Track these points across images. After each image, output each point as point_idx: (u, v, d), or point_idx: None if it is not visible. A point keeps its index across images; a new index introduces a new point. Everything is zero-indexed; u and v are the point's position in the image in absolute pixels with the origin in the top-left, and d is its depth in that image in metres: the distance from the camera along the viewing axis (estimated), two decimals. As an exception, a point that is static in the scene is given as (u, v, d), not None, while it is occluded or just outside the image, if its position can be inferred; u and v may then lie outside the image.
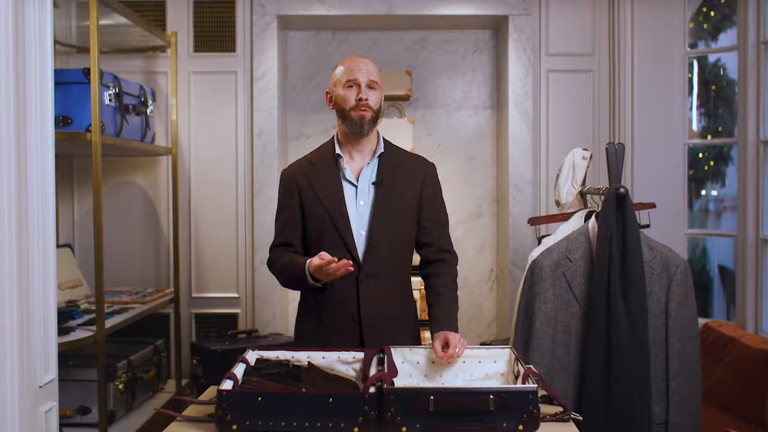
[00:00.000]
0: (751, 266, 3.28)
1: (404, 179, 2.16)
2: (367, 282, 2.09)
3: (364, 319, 2.09)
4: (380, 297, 2.11)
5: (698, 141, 3.81)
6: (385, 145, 2.21)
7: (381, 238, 2.10)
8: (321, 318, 2.14)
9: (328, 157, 2.18)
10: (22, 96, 1.97)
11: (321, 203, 2.12)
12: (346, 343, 2.04)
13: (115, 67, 3.69)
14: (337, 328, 2.11)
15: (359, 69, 2.11)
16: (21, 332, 1.95)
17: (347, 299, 2.10)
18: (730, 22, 3.60)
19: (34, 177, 2.03)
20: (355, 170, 2.16)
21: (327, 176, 2.15)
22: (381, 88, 2.17)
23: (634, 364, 2.21)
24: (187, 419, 1.67)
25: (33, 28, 2.02)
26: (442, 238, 2.20)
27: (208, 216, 3.81)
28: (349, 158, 2.17)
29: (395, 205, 2.13)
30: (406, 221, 2.15)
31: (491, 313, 4.10)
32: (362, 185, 2.14)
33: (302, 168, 2.21)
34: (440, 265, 2.17)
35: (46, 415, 2.07)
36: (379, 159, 2.17)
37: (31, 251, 2.00)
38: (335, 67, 2.18)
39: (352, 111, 2.10)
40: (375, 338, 2.07)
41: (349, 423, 1.52)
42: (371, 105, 2.11)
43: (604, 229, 2.27)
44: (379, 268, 2.10)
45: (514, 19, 3.74)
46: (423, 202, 2.18)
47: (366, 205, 2.13)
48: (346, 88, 2.11)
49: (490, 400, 1.53)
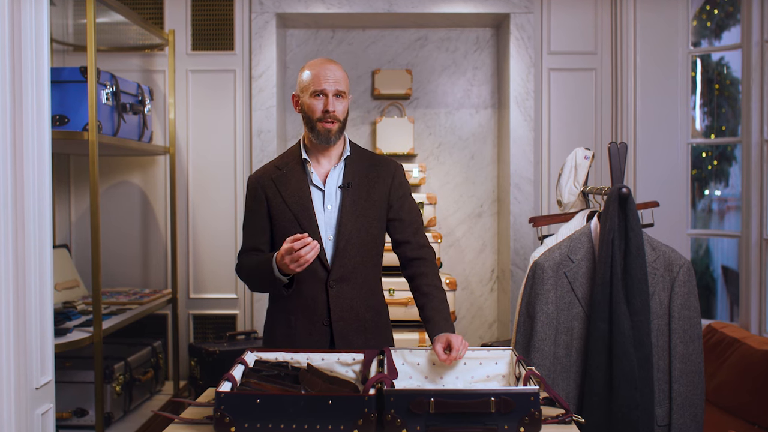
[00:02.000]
0: (755, 267, 3.26)
1: (371, 181, 2.14)
2: (336, 286, 2.08)
3: (335, 324, 2.07)
4: (350, 301, 2.09)
5: (701, 140, 3.79)
6: (352, 147, 2.19)
7: (349, 241, 2.08)
8: (290, 321, 2.12)
9: (294, 162, 2.16)
10: (18, 95, 1.96)
11: (288, 208, 2.10)
12: (316, 347, 2.03)
13: (113, 65, 3.68)
14: (307, 332, 2.09)
15: (326, 78, 2.06)
16: (17, 333, 1.94)
17: (317, 304, 2.08)
18: (733, 20, 3.58)
19: (31, 177, 2.01)
20: (322, 174, 2.14)
21: (294, 181, 2.12)
22: (348, 94, 2.14)
23: (637, 366, 2.20)
24: (185, 421, 1.66)
25: (29, 26, 2.01)
26: (418, 234, 2.19)
27: (206, 216, 3.79)
28: (316, 162, 2.15)
29: (363, 208, 2.11)
30: (375, 224, 2.13)
31: (492, 314, 4.08)
32: (329, 189, 2.12)
33: (269, 173, 2.18)
34: (422, 264, 2.15)
35: (42, 417, 2.06)
36: (345, 162, 2.15)
37: (27, 252, 1.99)
38: (302, 69, 2.14)
39: (318, 123, 2.08)
40: (346, 343, 2.06)
41: (348, 425, 1.51)
42: (338, 116, 2.08)
43: (607, 230, 2.25)
44: (348, 272, 2.09)
45: (516, 17, 3.72)
46: (393, 202, 2.16)
47: (333, 209, 2.11)
48: (312, 97, 2.08)
49: (492, 402, 1.52)
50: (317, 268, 2.07)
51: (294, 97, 2.17)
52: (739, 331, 3.09)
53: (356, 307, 2.10)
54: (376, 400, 1.53)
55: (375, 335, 2.15)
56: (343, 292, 2.08)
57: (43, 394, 2.07)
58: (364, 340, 2.09)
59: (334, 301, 2.08)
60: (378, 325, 2.17)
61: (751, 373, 2.81)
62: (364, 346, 2.04)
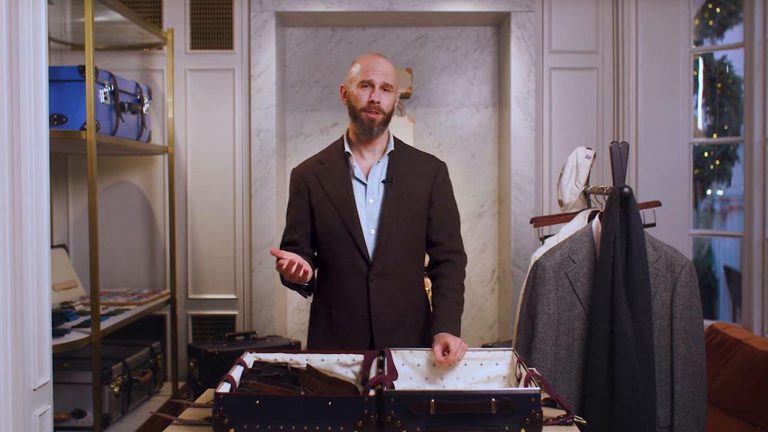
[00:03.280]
0: (758, 267, 3.25)
1: (415, 178, 2.15)
2: (377, 281, 2.09)
3: (374, 319, 2.09)
4: (391, 296, 2.10)
5: (703, 140, 3.78)
6: (396, 143, 2.21)
7: (391, 236, 2.09)
8: (331, 316, 2.14)
9: (337, 156, 2.18)
10: (16, 94, 1.96)
11: (330, 202, 2.12)
12: (356, 342, 2.05)
13: (111, 64, 3.67)
14: (347, 327, 2.11)
15: (375, 70, 2.10)
16: (14, 334, 1.93)
17: (358, 298, 2.10)
18: (735, 18, 3.57)
19: (28, 176, 2.01)
20: (365, 168, 2.16)
21: (336, 175, 2.14)
22: (396, 89, 2.16)
23: (638, 367, 2.19)
24: (183, 423, 1.65)
25: (27, 24, 2.01)
26: (452, 238, 2.19)
27: (205, 216, 3.78)
28: (359, 156, 2.17)
29: (405, 203, 2.12)
30: (417, 219, 2.14)
31: (493, 315, 4.06)
32: (372, 183, 2.14)
33: (312, 166, 2.20)
34: (447, 266, 2.16)
35: (40, 418, 2.06)
36: (389, 157, 2.17)
37: (25, 252, 1.99)
38: (353, 63, 2.17)
39: (363, 112, 2.10)
40: (385, 338, 2.08)
41: (348, 426, 1.50)
42: (383, 108, 2.10)
43: (608, 230, 2.24)
44: (389, 266, 2.10)
45: (517, 15, 3.71)
46: (434, 200, 2.17)
47: (376, 203, 2.12)
48: (360, 87, 2.10)
49: (492, 403, 1.51)
50: (359, 262, 2.08)
51: (342, 88, 2.20)
52: (741, 332, 3.08)
53: (396, 302, 2.11)
54: (376, 401, 1.52)
55: (414, 332, 2.16)
56: (383, 287, 2.09)
57: (41, 395, 2.07)
58: (403, 336, 2.08)
59: (375, 296, 2.09)
60: (418, 322, 2.18)
61: (753, 374, 2.80)
62: (403, 343, 2.03)
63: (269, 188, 3.70)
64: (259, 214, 3.71)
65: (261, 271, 3.71)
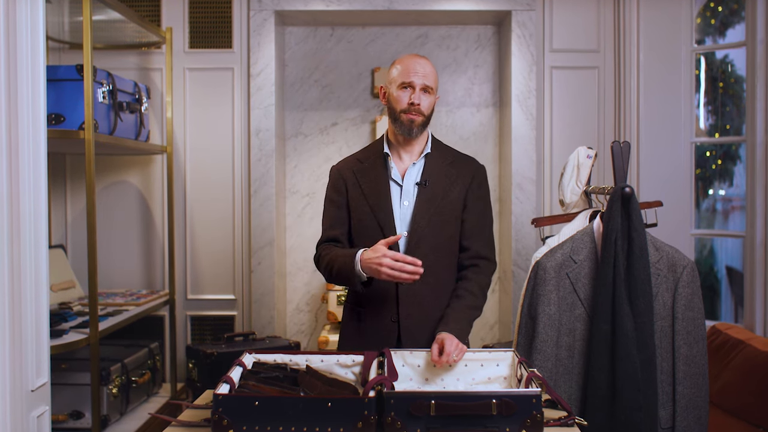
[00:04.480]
0: (760, 267, 3.23)
1: (450, 180, 2.15)
2: (407, 284, 2.06)
3: (402, 322, 2.09)
4: (420, 299, 2.10)
5: (705, 139, 3.77)
6: (434, 144, 2.20)
7: (422, 239, 2.09)
8: (361, 315, 2.15)
9: (376, 156, 2.19)
10: (14, 93, 1.97)
11: (366, 201, 2.13)
12: (383, 343, 2.03)
13: (109, 63, 3.66)
14: (375, 328, 2.12)
15: (416, 72, 2.10)
16: (12, 335, 1.93)
17: (387, 300, 2.10)
18: (737, 17, 3.56)
19: (26, 176, 2.01)
20: (402, 170, 2.16)
21: (374, 175, 2.16)
22: (436, 91, 2.16)
23: (640, 368, 2.17)
24: (182, 424, 1.65)
25: (25, 23, 2.01)
26: (480, 243, 2.18)
27: (204, 216, 3.77)
28: (397, 158, 2.18)
29: (438, 206, 2.12)
30: (451, 222, 2.14)
31: (493, 316, 4.05)
32: (407, 185, 2.14)
33: (350, 165, 2.22)
34: (472, 270, 2.16)
35: (38, 419, 2.06)
36: (425, 159, 2.17)
37: (22, 252, 1.99)
38: (393, 64, 2.17)
39: (402, 114, 2.10)
40: (413, 341, 2.08)
41: (348, 427, 1.50)
42: (422, 110, 2.11)
43: (609, 230, 2.23)
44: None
45: (517, 14, 3.69)
46: (468, 203, 2.17)
47: (410, 205, 2.13)
48: (400, 89, 2.11)
49: (493, 405, 1.51)
50: None
51: (381, 89, 2.21)
52: (743, 332, 3.07)
53: (426, 305, 2.10)
54: (375, 402, 1.52)
55: None
56: (413, 290, 2.08)
57: (39, 396, 2.06)
58: (431, 339, 2.05)
59: (404, 299, 2.09)
60: None
61: (755, 374, 2.79)
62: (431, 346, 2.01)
63: (268, 188, 3.69)
64: (258, 214, 3.70)
65: (260, 272, 3.70)
